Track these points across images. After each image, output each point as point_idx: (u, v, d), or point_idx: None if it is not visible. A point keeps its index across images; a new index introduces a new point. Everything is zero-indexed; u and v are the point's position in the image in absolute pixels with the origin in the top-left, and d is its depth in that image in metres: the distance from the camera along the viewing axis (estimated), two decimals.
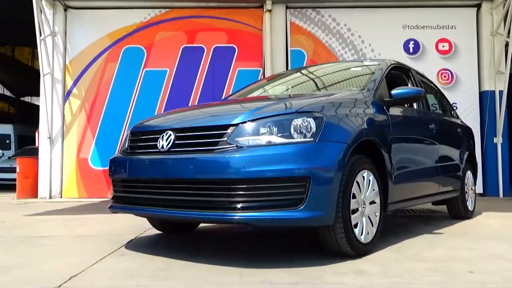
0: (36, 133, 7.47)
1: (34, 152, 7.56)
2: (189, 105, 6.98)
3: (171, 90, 7.19)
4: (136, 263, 2.35)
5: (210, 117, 2.73)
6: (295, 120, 2.29)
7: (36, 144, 7.44)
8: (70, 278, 2.06)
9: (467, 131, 4.68)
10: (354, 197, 2.44)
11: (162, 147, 2.46)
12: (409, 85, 3.69)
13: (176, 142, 2.43)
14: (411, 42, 7.31)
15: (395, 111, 3.11)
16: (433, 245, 2.85)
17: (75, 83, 7.22)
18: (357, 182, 2.47)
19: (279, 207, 2.15)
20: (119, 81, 7.22)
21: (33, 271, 2.22)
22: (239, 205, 2.15)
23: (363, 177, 2.54)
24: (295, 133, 2.27)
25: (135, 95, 7.17)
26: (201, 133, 2.38)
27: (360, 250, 2.46)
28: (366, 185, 2.56)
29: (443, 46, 7.31)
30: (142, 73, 7.22)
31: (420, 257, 2.50)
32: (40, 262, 2.43)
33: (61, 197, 7.02)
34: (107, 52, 7.26)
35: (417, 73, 4.06)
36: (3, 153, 12.36)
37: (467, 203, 4.29)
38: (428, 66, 7.10)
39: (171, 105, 6.90)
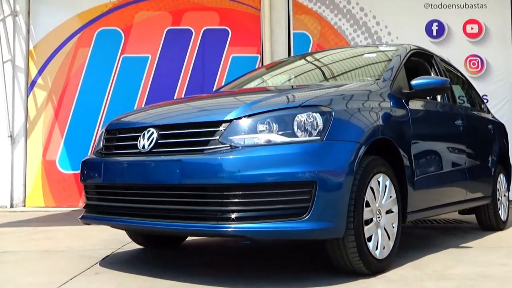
0: None
1: None
2: (175, 97, 6.97)
3: (154, 80, 7.18)
4: (113, 283, 2.36)
5: (200, 112, 2.74)
6: (298, 115, 2.31)
7: None
8: None
9: (500, 127, 4.71)
10: (367, 205, 2.45)
11: (143, 147, 2.47)
12: (432, 74, 3.71)
13: (159, 141, 2.43)
14: (435, 24, 7.33)
15: (416, 104, 3.13)
16: (459, 261, 2.87)
17: (40, 71, 7.20)
18: (371, 188, 2.48)
19: (280, 217, 2.16)
20: (92, 70, 7.20)
21: None
22: (233, 215, 2.16)
23: (378, 182, 2.55)
24: (298, 130, 2.28)
25: (111, 86, 7.16)
26: (188, 130, 2.39)
27: (374, 267, 2.47)
28: (381, 191, 2.57)
29: (472, 29, 7.33)
30: (119, 60, 7.21)
31: (445, 275, 2.51)
32: (3, 282, 2.43)
33: (25, 205, 7.01)
34: (77, 36, 7.24)
35: (442, 60, 4.08)
36: None
37: (499, 211, 4.31)
38: (454, 51, 7.12)
39: (154, 98, 6.89)
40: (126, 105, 6.69)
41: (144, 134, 2.50)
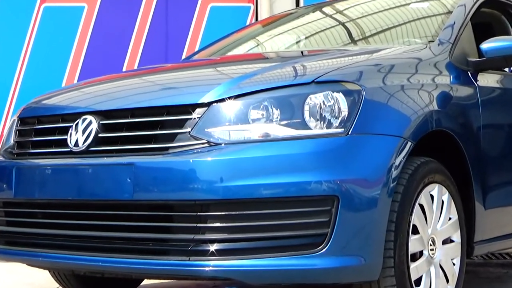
0: None
1: None
2: (124, 69, 6.96)
3: (92, 43, 7.16)
4: None
5: (162, 91, 2.74)
6: (312, 96, 2.31)
7: None
8: None
9: None
10: (415, 231, 2.46)
11: (76, 144, 2.46)
12: None
13: (100, 135, 2.43)
14: None
15: (488, 80, 3.14)
16: None
17: None
18: (421, 206, 2.49)
19: (283, 250, 2.16)
20: None
21: None
22: (212, 247, 2.15)
23: (432, 196, 2.56)
24: (312, 119, 2.28)
25: (26, 50, 7.13)
26: (145, 119, 2.39)
27: None
28: (436, 211, 2.59)
29: None
30: (38, 11, 7.18)
31: None
32: None
33: None
34: None
35: None
36: None
37: None
38: None
39: (92, 70, 6.87)
40: (50, 81, 6.67)
41: (77, 125, 2.49)
